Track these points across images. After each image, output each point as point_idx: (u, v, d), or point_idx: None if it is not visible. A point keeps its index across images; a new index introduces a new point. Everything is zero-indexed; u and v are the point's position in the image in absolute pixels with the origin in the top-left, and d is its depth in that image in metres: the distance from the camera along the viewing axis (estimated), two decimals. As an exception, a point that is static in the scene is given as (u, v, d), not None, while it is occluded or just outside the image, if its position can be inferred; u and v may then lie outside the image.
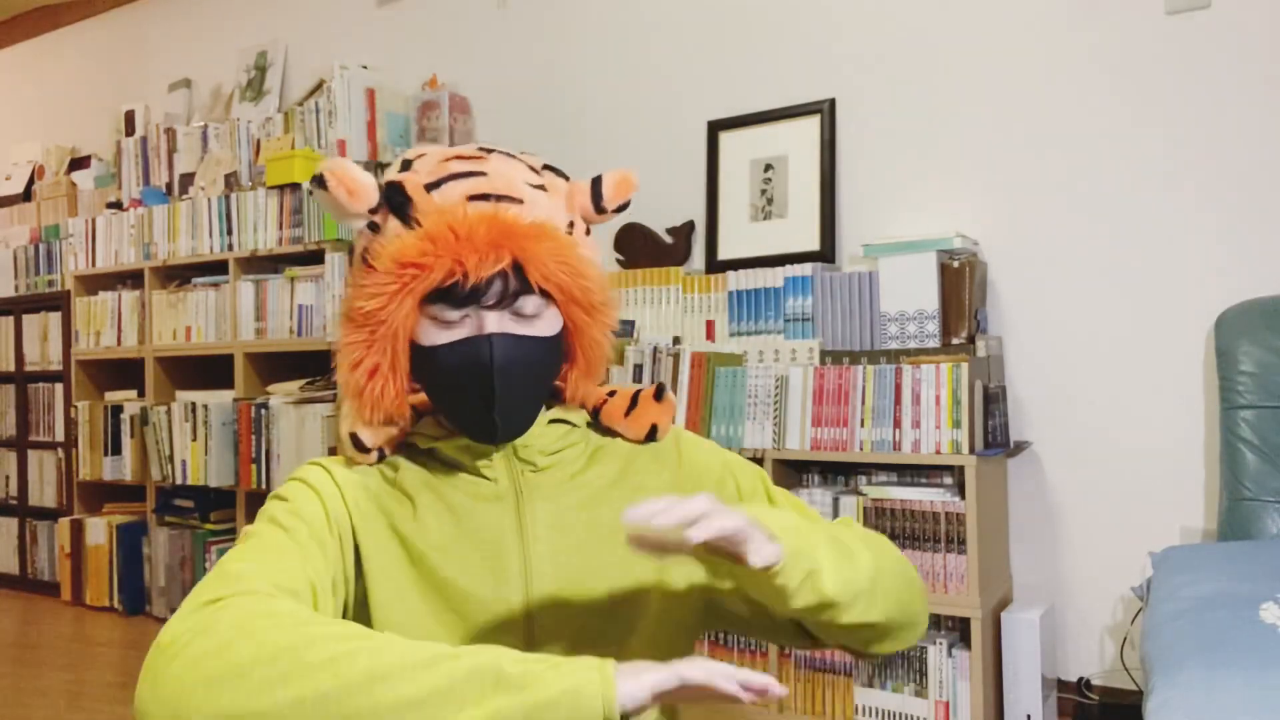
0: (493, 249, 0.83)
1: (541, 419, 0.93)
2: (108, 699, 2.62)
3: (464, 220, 0.83)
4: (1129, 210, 2.24)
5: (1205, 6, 2.15)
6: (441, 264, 0.83)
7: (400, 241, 0.84)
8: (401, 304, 0.85)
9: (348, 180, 0.86)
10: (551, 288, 0.86)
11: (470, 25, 3.30)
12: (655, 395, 0.99)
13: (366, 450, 0.92)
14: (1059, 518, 2.31)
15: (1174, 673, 1.18)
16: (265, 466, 3.17)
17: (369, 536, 0.89)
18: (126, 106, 4.15)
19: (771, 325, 2.45)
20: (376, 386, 0.88)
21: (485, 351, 0.84)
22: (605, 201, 0.94)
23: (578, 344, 0.92)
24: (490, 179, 0.88)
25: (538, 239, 0.85)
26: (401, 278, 0.84)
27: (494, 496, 0.91)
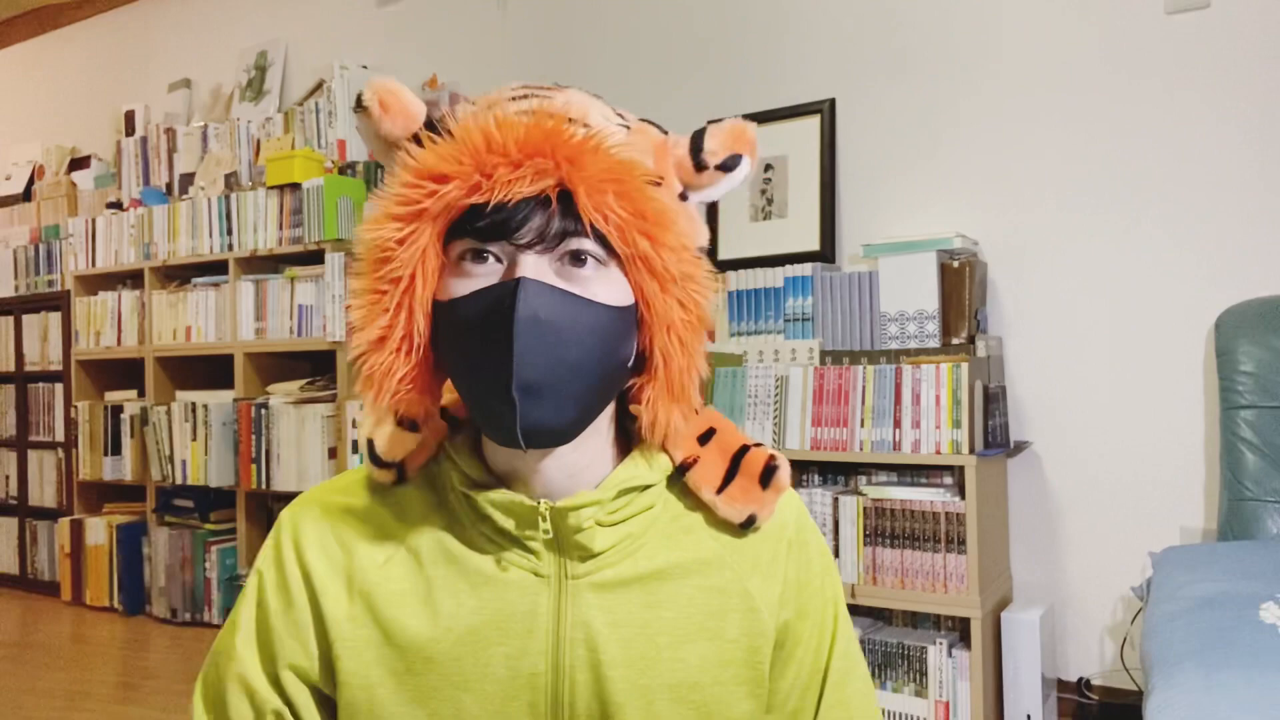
0: (530, 159, 0.62)
1: (609, 483, 0.71)
2: (108, 699, 2.62)
3: (499, 125, 0.63)
4: (1129, 210, 2.24)
5: (1205, 6, 2.15)
6: (463, 174, 0.62)
7: (419, 152, 0.65)
8: (416, 236, 0.64)
9: (385, 94, 0.70)
10: (609, 228, 0.64)
11: (470, 25, 3.30)
12: (762, 478, 0.75)
13: (384, 465, 0.73)
14: (1059, 518, 2.31)
15: (1174, 673, 1.18)
16: (265, 466, 3.17)
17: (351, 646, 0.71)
18: (126, 106, 4.15)
19: (771, 325, 2.45)
20: (383, 361, 0.66)
21: (507, 298, 0.62)
22: (706, 154, 0.73)
23: (652, 339, 0.67)
24: (555, 102, 0.69)
25: (593, 154, 0.63)
26: (414, 196, 0.64)
27: (532, 573, 0.71)
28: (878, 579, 2.15)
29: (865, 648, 2.18)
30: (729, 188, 0.76)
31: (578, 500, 0.70)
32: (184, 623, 3.34)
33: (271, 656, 0.73)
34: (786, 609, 0.76)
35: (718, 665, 0.73)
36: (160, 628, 3.35)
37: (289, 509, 0.77)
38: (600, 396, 0.68)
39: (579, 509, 0.69)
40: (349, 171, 3.21)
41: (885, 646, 2.17)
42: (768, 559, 0.76)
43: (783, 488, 0.77)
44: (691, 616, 0.72)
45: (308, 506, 0.76)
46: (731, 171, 0.74)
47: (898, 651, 2.15)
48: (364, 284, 0.66)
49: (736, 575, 0.74)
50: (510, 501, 0.70)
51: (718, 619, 0.73)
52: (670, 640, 0.71)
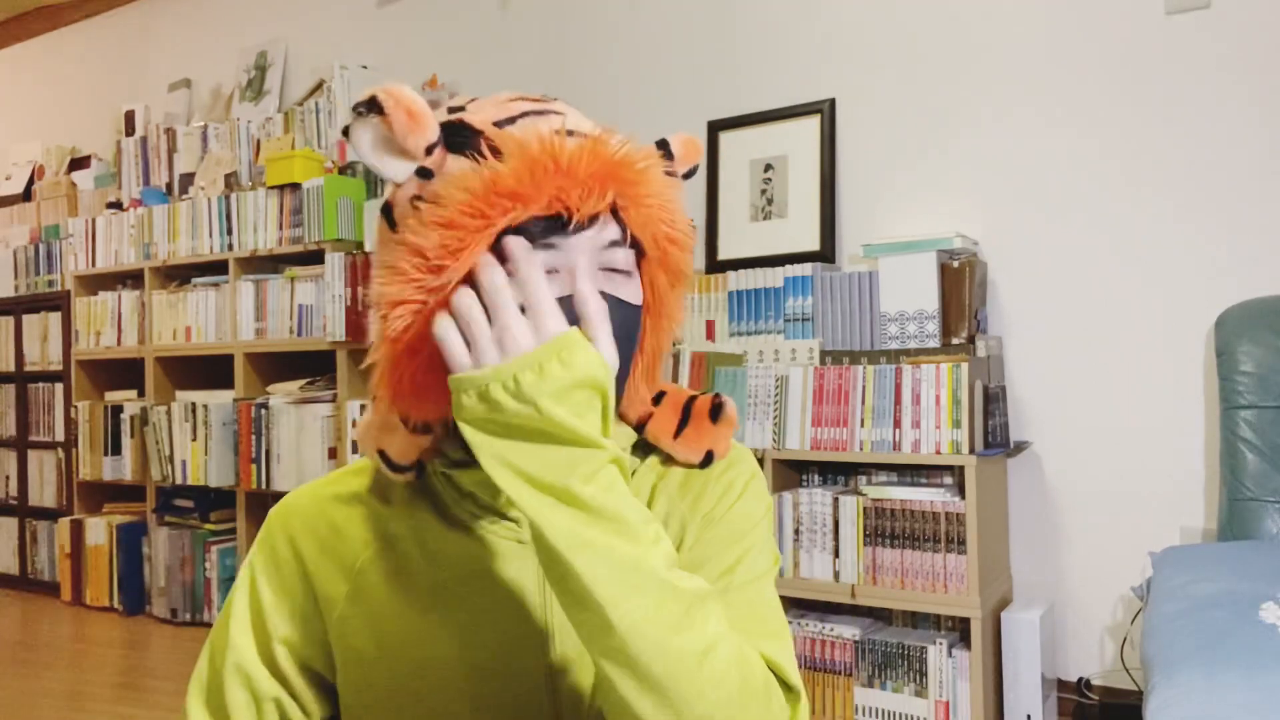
0: (598, 183, 0.67)
1: None
2: (108, 699, 2.62)
3: (565, 149, 0.66)
4: (1129, 210, 2.24)
5: (1205, 6, 2.15)
6: (539, 196, 0.65)
7: (489, 170, 0.65)
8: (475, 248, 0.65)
9: (410, 105, 0.69)
10: (649, 241, 0.72)
11: (470, 25, 3.30)
12: (711, 414, 0.80)
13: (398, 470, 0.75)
14: (1059, 518, 2.31)
15: (1174, 673, 1.18)
16: (265, 466, 3.17)
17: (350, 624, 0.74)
18: (126, 106, 4.15)
19: (771, 325, 2.45)
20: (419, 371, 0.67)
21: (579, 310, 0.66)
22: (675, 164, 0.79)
23: (649, 325, 0.76)
24: (568, 119, 0.73)
25: (646, 176, 0.70)
26: (483, 210, 0.65)
27: (514, 541, 0.74)
28: (878, 579, 2.15)
29: (865, 647, 2.19)
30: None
31: None
32: (184, 623, 3.34)
33: (266, 637, 0.75)
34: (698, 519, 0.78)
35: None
36: (160, 628, 3.35)
37: (278, 506, 0.80)
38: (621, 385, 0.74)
39: None
40: (349, 171, 3.21)
41: (885, 646, 2.17)
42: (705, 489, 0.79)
43: (732, 420, 0.81)
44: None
45: (296, 499, 0.80)
46: (690, 178, 0.83)
47: (898, 651, 2.15)
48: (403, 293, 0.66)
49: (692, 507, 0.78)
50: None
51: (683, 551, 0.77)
52: None
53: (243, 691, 0.75)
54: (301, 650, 0.75)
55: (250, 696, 0.75)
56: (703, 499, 0.78)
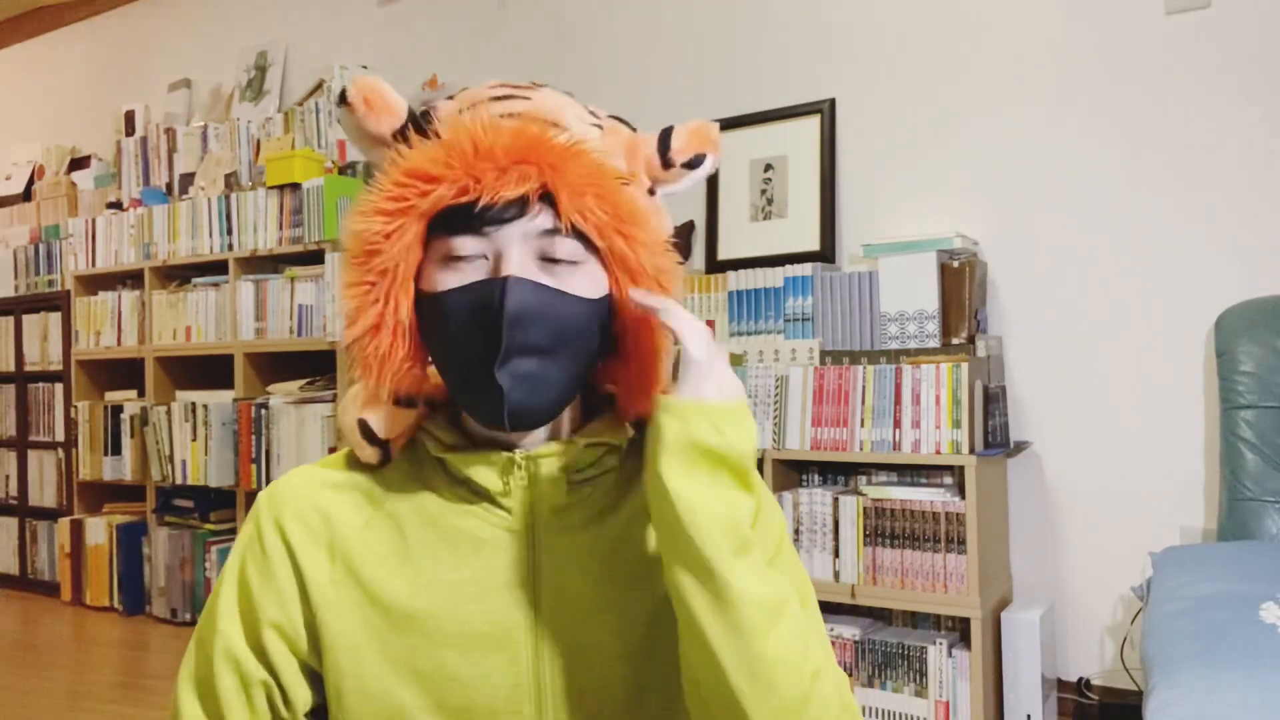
0: (516, 165, 0.67)
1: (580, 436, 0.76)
2: (108, 699, 2.62)
3: (485, 129, 0.68)
4: (1129, 210, 2.24)
5: (1205, 6, 2.15)
6: (452, 177, 0.67)
7: (406, 153, 0.70)
8: (404, 230, 0.69)
9: (369, 92, 0.74)
10: (589, 228, 0.69)
11: (470, 25, 3.30)
12: None
13: (376, 443, 0.77)
14: (1059, 518, 2.31)
15: (1174, 673, 1.18)
16: (265, 466, 3.17)
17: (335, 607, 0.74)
18: (126, 106, 4.15)
19: (771, 325, 2.45)
20: (382, 344, 0.71)
21: (495, 294, 0.67)
22: (673, 153, 0.78)
23: (625, 325, 0.74)
24: (534, 104, 0.74)
25: (575, 159, 0.69)
26: (404, 195, 0.69)
27: (505, 529, 0.75)
28: (878, 579, 2.15)
29: (865, 647, 2.18)
30: (693, 183, 0.82)
31: (550, 449, 0.75)
32: (184, 623, 3.34)
33: (254, 622, 0.74)
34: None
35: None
36: (160, 628, 3.35)
37: (266, 491, 0.79)
38: (578, 380, 0.74)
39: (551, 456, 0.74)
40: (349, 171, 3.21)
41: (885, 646, 2.17)
42: None
43: None
44: (649, 557, 0.76)
45: (285, 484, 0.79)
46: (696, 169, 0.80)
47: (898, 651, 2.15)
48: (354, 275, 0.71)
49: None
50: (490, 455, 0.74)
51: None
52: (637, 581, 0.75)
53: (232, 676, 0.74)
54: (289, 635, 0.74)
55: (239, 681, 0.74)
56: None
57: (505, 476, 0.74)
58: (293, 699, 0.75)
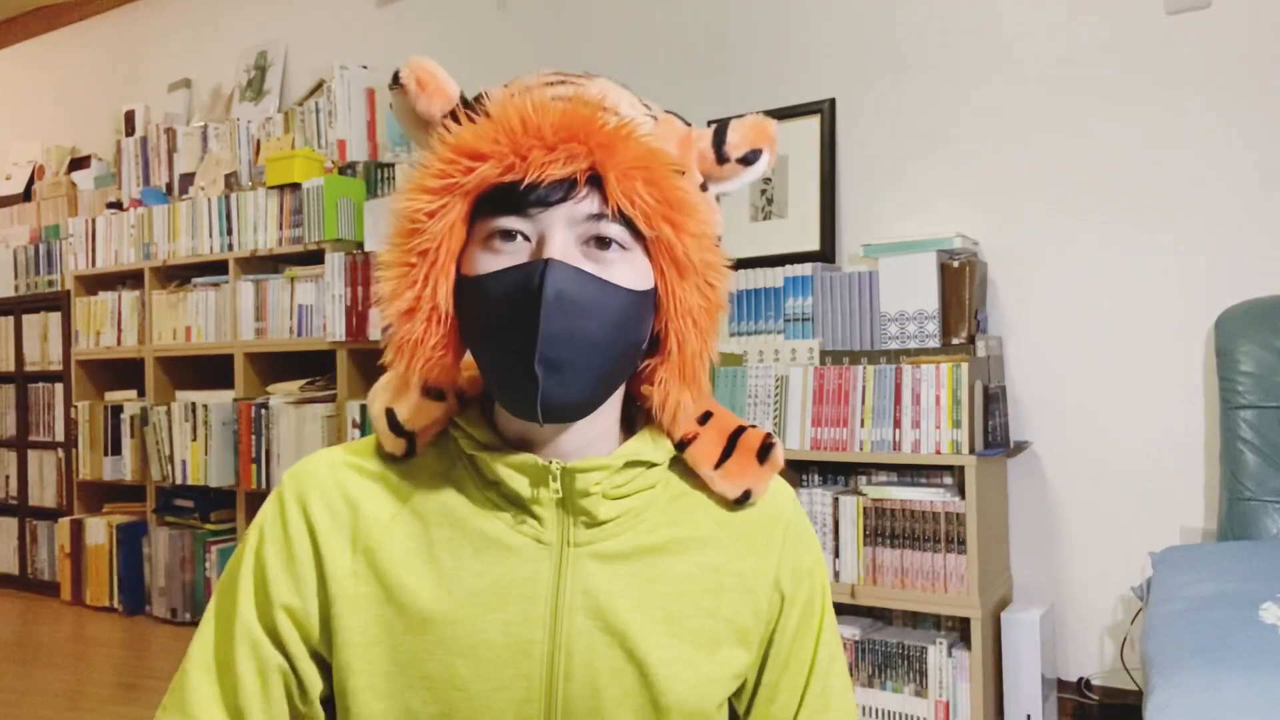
0: (564, 144, 0.65)
1: (618, 454, 0.73)
2: (108, 699, 2.62)
3: (535, 107, 0.65)
4: (1129, 210, 2.24)
5: (1205, 6, 2.15)
6: (498, 154, 0.65)
7: (455, 131, 0.67)
8: (447, 210, 0.66)
9: (422, 73, 0.72)
10: (636, 213, 0.66)
11: (470, 25, 3.30)
12: (759, 453, 0.78)
13: (402, 434, 0.74)
14: (1059, 518, 2.31)
15: (1174, 673, 1.18)
16: (265, 466, 3.17)
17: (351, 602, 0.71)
18: (126, 106, 4.15)
19: (771, 325, 2.45)
20: (415, 330, 0.68)
21: (535, 277, 0.64)
22: (729, 147, 0.75)
23: (668, 323, 0.70)
24: (587, 89, 0.72)
25: (625, 141, 0.66)
26: (448, 171, 0.66)
27: (534, 539, 0.72)
28: (878, 579, 2.15)
29: (865, 647, 2.18)
30: (749, 180, 0.78)
31: (588, 463, 0.71)
32: (184, 623, 3.34)
33: (267, 603, 0.72)
34: (778, 592, 0.78)
35: (711, 643, 0.74)
36: (160, 628, 3.35)
37: (292, 470, 0.76)
38: (616, 375, 0.70)
39: (588, 471, 0.71)
40: (349, 171, 3.21)
41: (885, 646, 2.17)
42: (763, 542, 0.78)
43: (778, 464, 0.79)
44: (687, 592, 0.74)
45: (313, 464, 0.76)
46: (752, 165, 0.76)
47: (898, 651, 2.15)
48: (394, 255, 0.68)
49: (733, 555, 0.76)
50: (523, 461, 0.71)
51: (712, 596, 0.75)
52: (666, 614, 0.73)
53: (251, 660, 0.71)
54: (302, 621, 0.72)
55: (258, 666, 0.71)
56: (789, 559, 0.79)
57: (537, 486, 0.71)
58: (308, 687, 0.73)
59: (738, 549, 0.76)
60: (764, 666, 0.79)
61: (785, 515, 0.80)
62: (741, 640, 0.76)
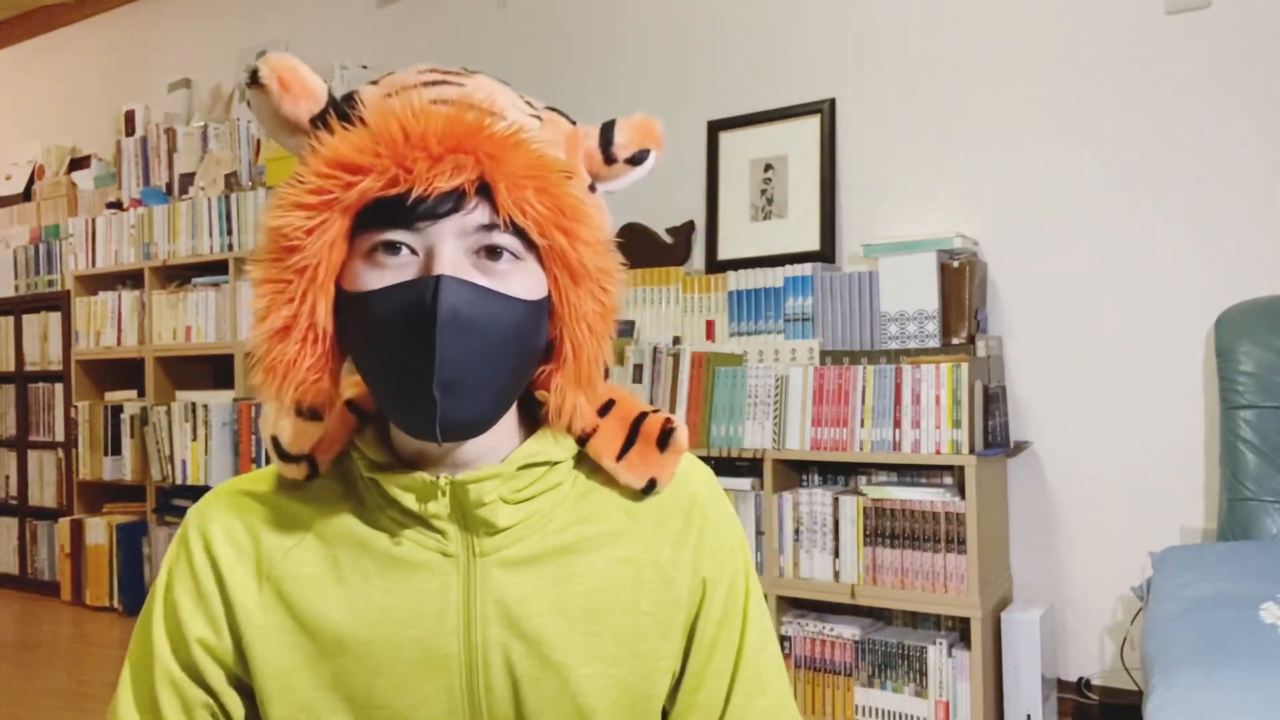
0: (450, 154, 0.62)
1: (512, 459, 0.71)
2: (107, 699, 2.61)
3: (417, 116, 0.62)
4: (1129, 210, 2.24)
5: (1205, 6, 2.15)
6: (380, 167, 0.62)
7: (330, 142, 0.64)
8: (326, 226, 0.63)
9: (285, 72, 0.67)
10: (528, 223, 0.64)
11: (470, 25, 3.30)
12: (659, 441, 0.76)
13: (292, 459, 0.72)
14: (1059, 518, 2.31)
15: (1174, 673, 1.18)
16: (265, 466, 3.17)
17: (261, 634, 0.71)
18: (126, 106, 4.15)
19: (771, 325, 2.45)
20: (288, 352, 0.65)
21: (428, 294, 0.61)
22: (616, 148, 0.74)
23: (564, 330, 0.69)
24: (468, 90, 0.68)
25: (514, 149, 0.64)
26: (327, 187, 0.62)
27: (439, 552, 0.71)
28: (878, 579, 2.15)
29: (865, 647, 2.19)
30: (634, 180, 0.77)
31: (479, 474, 0.70)
32: (184, 623, 3.34)
33: (182, 642, 0.72)
34: (698, 577, 0.77)
35: (634, 637, 0.73)
36: (160, 628, 3.35)
37: (195, 506, 0.75)
38: (515, 387, 0.69)
39: (480, 482, 0.69)
40: (349, 171, 3.21)
41: (885, 646, 2.17)
42: (678, 528, 0.77)
43: (681, 449, 0.77)
44: (604, 589, 0.73)
45: (214, 499, 0.75)
46: (640, 165, 0.75)
47: (898, 651, 2.15)
48: (267, 273, 0.65)
49: (648, 545, 0.75)
50: (410, 480, 0.69)
51: (631, 591, 0.74)
52: (584, 614, 0.72)
53: (175, 700, 0.72)
54: (218, 653, 0.72)
55: (182, 704, 0.72)
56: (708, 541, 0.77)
57: (425, 502, 0.69)
58: (233, 715, 0.73)
59: (652, 539, 0.75)
60: (688, 654, 0.77)
61: (700, 498, 0.79)
62: (665, 632, 0.75)
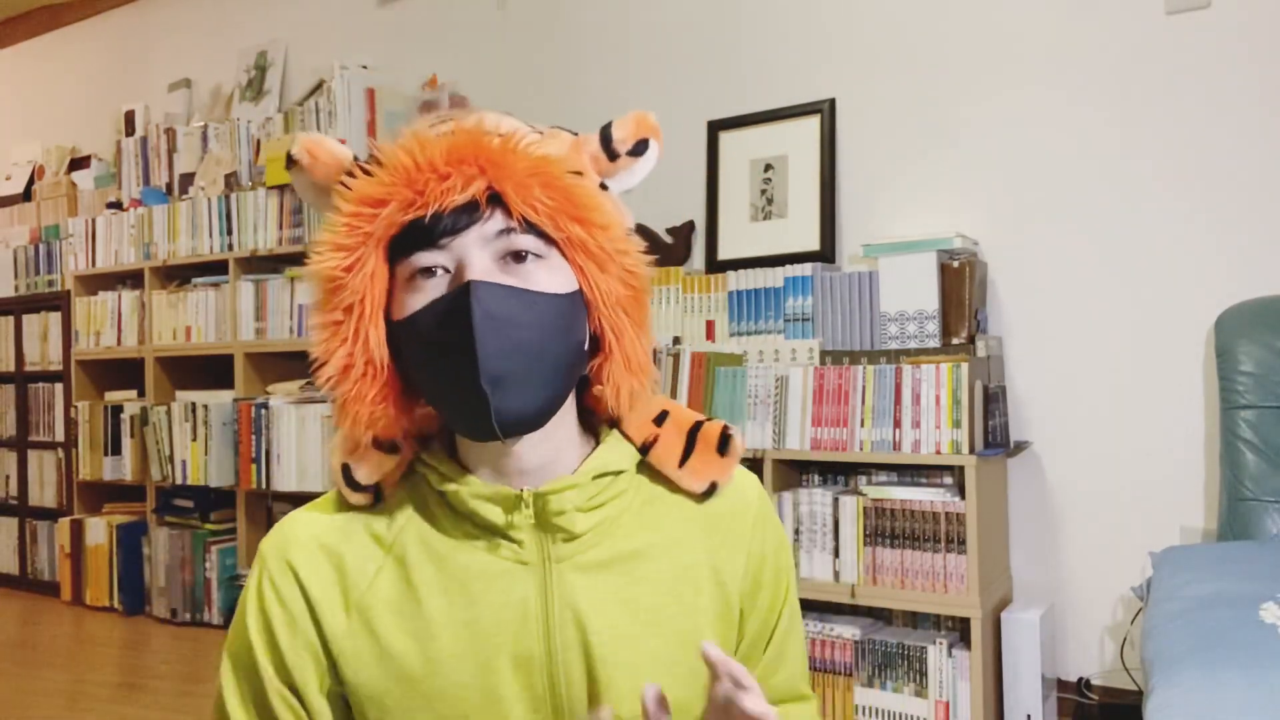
0: (456, 168, 0.67)
1: (585, 469, 0.75)
2: (108, 699, 2.62)
3: (422, 144, 0.68)
4: (1129, 210, 2.24)
5: (1205, 6, 2.15)
6: (397, 194, 0.68)
7: (355, 183, 0.70)
8: (363, 261, 0.69)
9: (310, 145, 0.75)
10: (541, 218, 0.69)
11: (470, 25, 3.30)
12: (719, 446, 0.80)
13: (360, 489, 0.76)
14: (1059, 518, 2.31)
15: (1174, 673, 1.18)
16: (265, 466, 3.17)
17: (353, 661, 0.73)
18: (126, 106, 4.15)
19: (771, 325, 2.45)
20: (351, 389, 0.70)
21: (463, 302, 0.66)
22: (616, 143, 0.77)
23: (601, 319, 0.72)
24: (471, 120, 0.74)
25: (514, 154, 0.69)
26: (355, 224, 0.69)
27: (516, 561, 0.74)
28: (878, 579, 2.15)
29: (865, 647, 2.18)
30: (643, 172, 0.81)
31: (558, 484, 0.73)
32: (184, 623, 3.34)
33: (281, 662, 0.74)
34: (747, 581, 0.82)
35: (694, 635, 0.77)
36: (160, 628, 3.35)
37: (271, 535, 0.77)
38: (563, 380, 0.72)
39: (560, 492, 0.73)
40: (349, 171, 3.21)
41: (885, 646, 2.17)
42: (735, 533, 0.81)
43: (739, 453, 0.82)
44: (668, 592, 0.77)
45: (291, 526, 0.77)
46: (642, 155, 0.79)
47: (898, 651, 2.15)
48: (320, 317, 0.70)
49: (707, 550, 0.80)
50: (494, 492, 0.73)
51: (692, 594, 0.78)
52: (651, 616, 0.76)
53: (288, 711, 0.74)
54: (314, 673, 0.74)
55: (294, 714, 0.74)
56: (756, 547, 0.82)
57: (511, 514, 0.73)
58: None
59: (710, 543, 0.80)
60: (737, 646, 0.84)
61: (753, 506, 0.83)
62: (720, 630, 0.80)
